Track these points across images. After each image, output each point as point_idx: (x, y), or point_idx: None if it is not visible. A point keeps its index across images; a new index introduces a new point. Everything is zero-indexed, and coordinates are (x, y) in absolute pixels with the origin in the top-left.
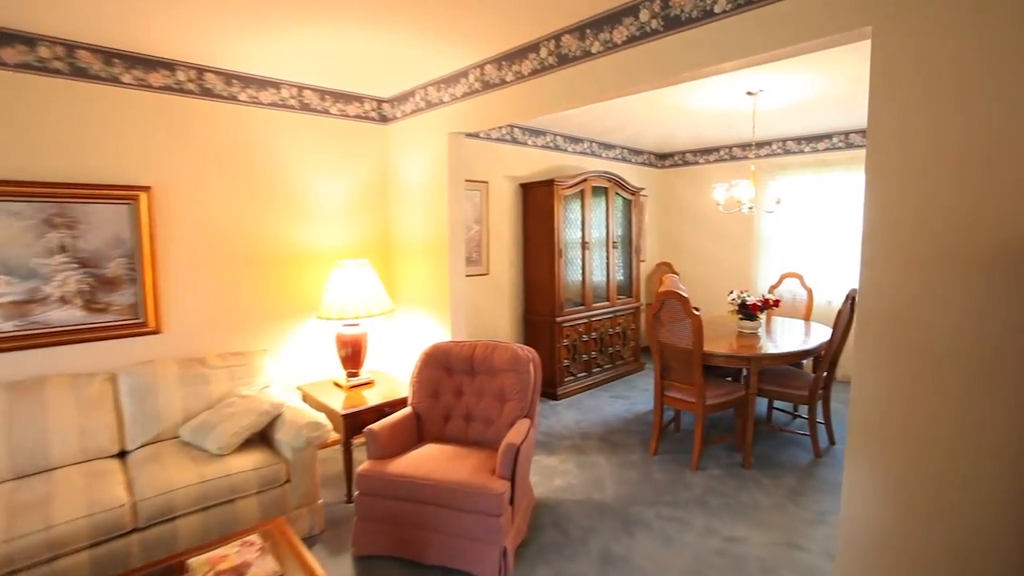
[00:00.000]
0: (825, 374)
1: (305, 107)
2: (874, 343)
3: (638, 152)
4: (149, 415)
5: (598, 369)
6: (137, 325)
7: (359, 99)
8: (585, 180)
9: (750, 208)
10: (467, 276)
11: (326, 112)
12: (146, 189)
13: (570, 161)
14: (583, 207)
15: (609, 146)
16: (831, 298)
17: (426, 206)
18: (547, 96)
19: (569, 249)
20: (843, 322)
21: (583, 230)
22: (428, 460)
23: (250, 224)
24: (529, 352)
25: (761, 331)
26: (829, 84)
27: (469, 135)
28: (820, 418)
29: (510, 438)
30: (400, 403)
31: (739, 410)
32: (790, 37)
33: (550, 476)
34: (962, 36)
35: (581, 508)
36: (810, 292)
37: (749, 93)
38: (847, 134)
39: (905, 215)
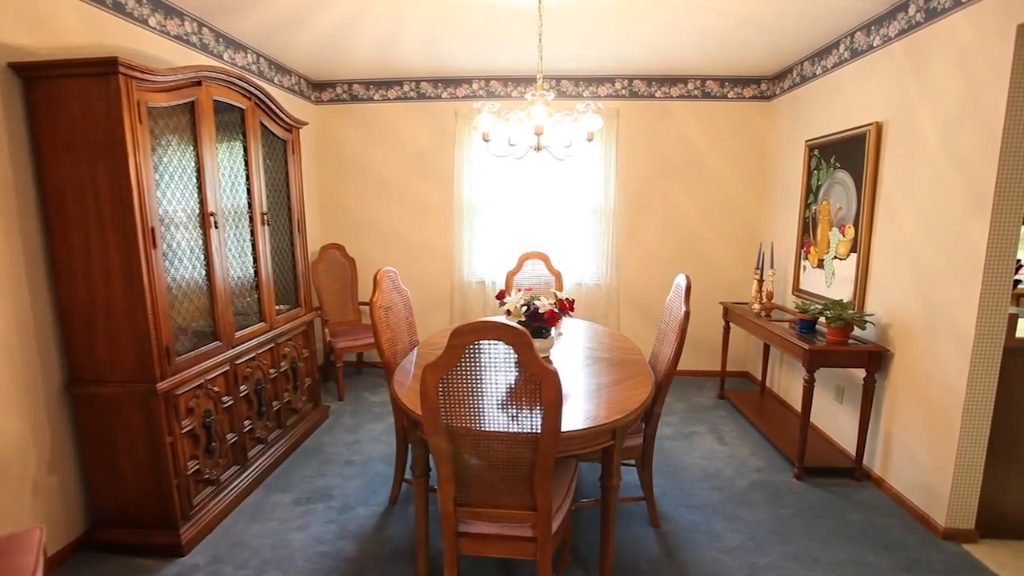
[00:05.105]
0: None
1: None
2: None
3: (285, 71)
4: None
5: (259, 448)
6: None
7: None
8: (200, 83)
9: (540, 149)
10: None
11: None
12: None
13: (155, 47)
14: (197, 140)
15: (238, 45)
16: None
17: None
18: None
19: (174, 228)
20: (686, 327)
21: (201, 189)
22: None
23: None
24: None
25: (553, 353)
26: None
27: None
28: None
29: None
30: None
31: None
32: None
33: None
34: None
35: None
36: (559, 276)
37: None
38: (559, 80)
39: None
